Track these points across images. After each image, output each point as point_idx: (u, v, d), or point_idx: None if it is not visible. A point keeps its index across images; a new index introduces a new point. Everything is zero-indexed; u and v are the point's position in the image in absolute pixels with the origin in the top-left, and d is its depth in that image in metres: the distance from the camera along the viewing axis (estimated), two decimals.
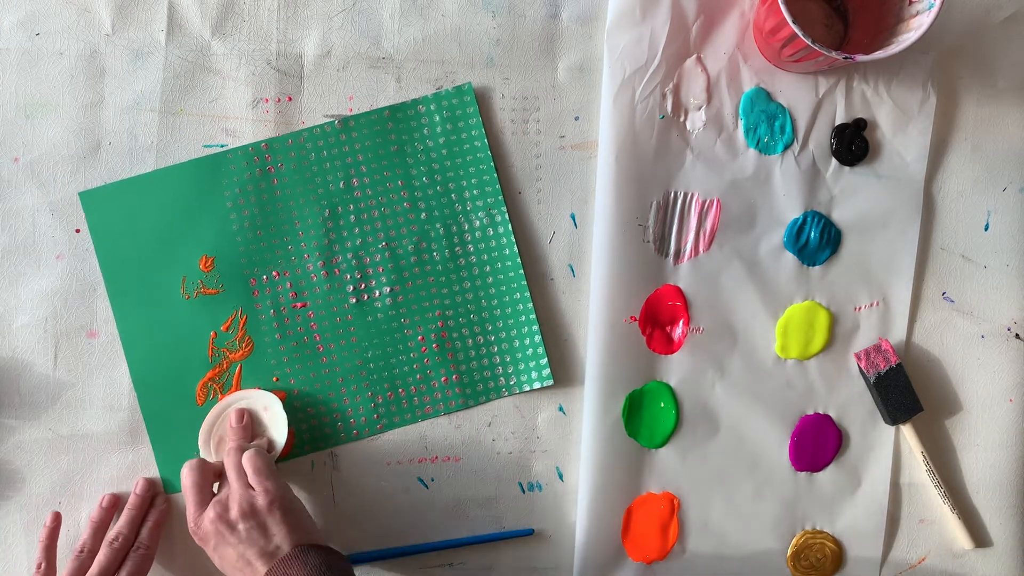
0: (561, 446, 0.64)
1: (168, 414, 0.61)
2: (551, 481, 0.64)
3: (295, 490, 0.62)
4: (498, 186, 0.62)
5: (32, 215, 0.61)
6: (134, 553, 0.57)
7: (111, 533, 0.58)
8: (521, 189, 0.63)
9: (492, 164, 0.62)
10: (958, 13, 0.63)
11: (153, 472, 0.61)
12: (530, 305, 0.62)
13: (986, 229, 0.65)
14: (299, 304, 0.62)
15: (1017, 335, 0.65)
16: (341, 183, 0.62)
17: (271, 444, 0.60)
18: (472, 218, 0.62)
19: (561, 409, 0.64)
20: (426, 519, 0.63)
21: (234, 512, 0.53)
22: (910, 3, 0.56)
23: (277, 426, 0.60)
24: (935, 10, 0.54)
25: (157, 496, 0.61)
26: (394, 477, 0.62)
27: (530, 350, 0.62)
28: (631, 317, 0.62)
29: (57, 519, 0.59)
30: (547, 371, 0.62)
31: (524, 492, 0.64)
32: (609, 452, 0.63)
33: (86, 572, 0.56)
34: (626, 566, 0.64)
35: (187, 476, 0.55)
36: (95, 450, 0.61)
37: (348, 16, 0.62)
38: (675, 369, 0.63)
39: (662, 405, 0.63)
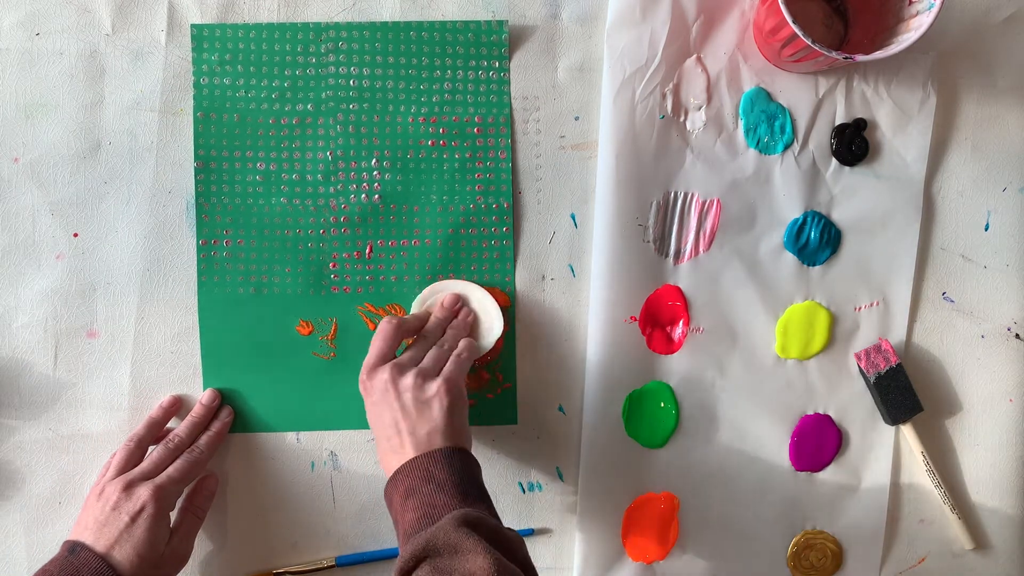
0: (561, 446, 0.64)
1: None
2: (551, 481, 0.64)
3: (294, 489, 0.62)
4: None
5: (32, 215, 0.61)
6: (188, 454, 0.57)
7: (169, 434, 0.58)
8: (521, 189, 0.63)
9: None
10: (958, 13, 0.63)
11: None
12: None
13: (986, 229, 0.65)
14: (367, 252, 0.62)
15: (1017, 335, 0.65)
16: (209, 167, 0.61)
17: (481, 343, 0.61)
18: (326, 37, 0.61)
19: (561, 409, 0.64)
20: None
21: (408, 380, 0.53)
22: (910, 3, 0.56)
23: (491, 326, 0.61)
24: (935, 10, 0.54)
25: (222, 408, 0.61)
26: None
27: (471, 33, 0.62)
28: (631, 317, 0.62)
29: (176, 402, 0.61)
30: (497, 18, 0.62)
31: (524, 492, 0.64)
32: (609, 452, 0.63)
33: (135, 464, 0.56)
34: (626, 566, 0.64)
35: (383, 327, 0.56)
36: (95, 450, 0.61)
37: (348, 16, 0.62)
38: (675, 369, 0.63)
39: (662, 405, 0.63)
